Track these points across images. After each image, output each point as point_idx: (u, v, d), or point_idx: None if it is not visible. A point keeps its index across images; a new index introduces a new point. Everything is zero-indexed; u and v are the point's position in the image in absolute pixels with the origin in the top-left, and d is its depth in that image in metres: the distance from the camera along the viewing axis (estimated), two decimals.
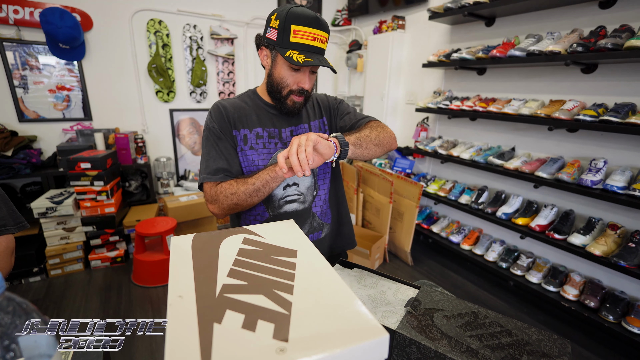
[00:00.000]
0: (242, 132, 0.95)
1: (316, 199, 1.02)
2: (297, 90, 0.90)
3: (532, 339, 0.63)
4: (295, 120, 1.00)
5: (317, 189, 1.02)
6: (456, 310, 0.70)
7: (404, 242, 2.61)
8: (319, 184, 1.03)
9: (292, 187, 0.98)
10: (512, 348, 0.60)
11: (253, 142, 0.95)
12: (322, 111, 1.05)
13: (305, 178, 0.98)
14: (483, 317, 0.69)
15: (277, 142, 0.97)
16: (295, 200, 0.99)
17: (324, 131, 1.04)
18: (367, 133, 0.93)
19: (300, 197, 0.99)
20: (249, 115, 0.96)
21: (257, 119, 0.97)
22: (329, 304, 0.44)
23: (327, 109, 1.06)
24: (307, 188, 1.00)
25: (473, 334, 0.63)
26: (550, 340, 0.62)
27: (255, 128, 0.96)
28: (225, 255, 0.55)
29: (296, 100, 0.92)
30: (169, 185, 3.06)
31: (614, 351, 1.74)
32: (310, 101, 1.05)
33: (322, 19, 0.85)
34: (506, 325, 0.66)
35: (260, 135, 0.96)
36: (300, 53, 0.82)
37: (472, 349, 0.59)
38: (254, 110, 0.98)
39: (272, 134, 0.97)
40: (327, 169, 1.04)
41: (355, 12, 3.43)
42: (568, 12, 1.88)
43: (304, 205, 1.00)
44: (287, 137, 0.99)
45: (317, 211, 1.03)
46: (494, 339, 0.63)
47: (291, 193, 0.98)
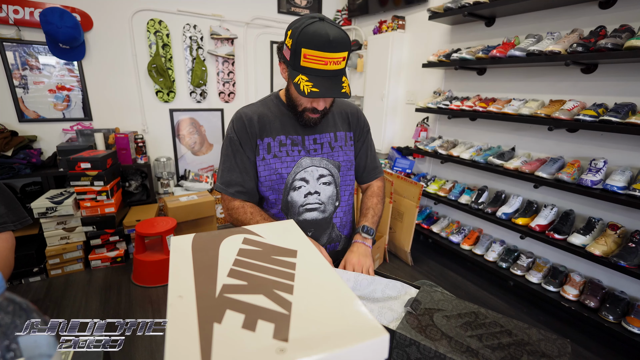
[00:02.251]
0: (266, 141, 0.95)
1: (337, 210, 1.02)
2: (310, 109, 0.90)
3: (532, 339, 0.63)
4: (319, 128, 0.98)
5: (339, 200, 1.01)
6: (456, 310, 0.70)
7: (404, 242, 2.61)
8: (341, 194, 1.01)
9: (314, 195, 0.96)
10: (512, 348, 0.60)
11: (276, 150, 0.95)
12: (351, 125, 1.04)
13: (326, 187, 0.98)
14: (483, 317, 0.68)
15: (300, 149, 0.96)
16: (315, 209, 0.98)
17: (350, 145, 1.02)
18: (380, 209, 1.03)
19: (321, 206, 0.98)
20: (272, 123, 0.95)
21: (280, 126, 0.96)
22: (329, 304, 0.44)
23: (356, 126, 1.04)
24: (328, 197, 0.99)
25: (473, 334, 0.63)
26: (550, 340, 0.62)
27: (279, 136, 0.95)
28: (226, 255, 0.55)
29: (311, 116, 0.91)
30: (169, 185, 3.06)
31: (614, 351, 1.74)
32: (340, 110, 1.03)
33: (338, 38, 0.77)
34: (506, 325, 0.66)
35: (284, 143, 0.95)
36: (310, 80, 0.79)
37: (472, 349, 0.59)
38: (277, 117, 0.96)
39: (295, 142, 0.96)
40: (349, 181, 1.03)
41: (355, 12, 3.43)
42: (568, 12, 1.88)
43: (324, 215, 0.99)
44: (309, 144, 0.97)
45: (337, 222, 1.03)
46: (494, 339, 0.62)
47: (312, 201, 0.97)
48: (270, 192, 0.97)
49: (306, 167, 0.96)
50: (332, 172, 0.98)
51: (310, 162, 0.96)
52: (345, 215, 1.04)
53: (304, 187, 0.96)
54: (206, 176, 3.27)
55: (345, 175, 1.01)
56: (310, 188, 0.96)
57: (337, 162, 0.99)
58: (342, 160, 1.00)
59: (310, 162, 0.96)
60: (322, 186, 0.97)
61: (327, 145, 0.98)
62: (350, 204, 1.06)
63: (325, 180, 0.98)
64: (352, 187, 1.05)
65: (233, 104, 3.41)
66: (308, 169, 0.96)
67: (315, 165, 0.96)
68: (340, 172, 0.99)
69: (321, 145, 0.97)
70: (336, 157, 0.99)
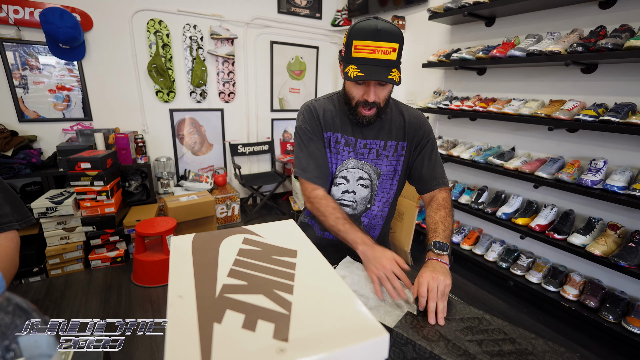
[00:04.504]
0: (328, 135, 1.02)
1: (368, 212, 1.07)
2: (362, 102, 0.91)
3: (536, 350, 0.60)
4: (373, 134, 1.01)
5: (372, 203, 1.07)
6: (459, 314, 0.69)
7: (404, 242, 2.60)
8: (375, 199, 1.06)
9: (351, 194, 1.04)
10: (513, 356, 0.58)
11: (332, 145, 1.02)
12: (406, 135, 1.02)
13: (362, 189, 1.04)
14: (487, 324, 0.66)
15: (350, 150, 1.02)
16: (348, 206, 1.06)
17: (400, 155, 1.03)
18: (450, 222, 0.93)
19: (353, 204, 1.06)
20: (334, 119, 1.01)
21: (340, 124, 1.01)
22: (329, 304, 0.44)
23: (413, 136, 1.02)
24: (362, 198, 1.06)
25: (473, 339, 0.62)
26: (557, 353, 0.59)
27: (337, 133, 1.01)
28: (225, 255, 0.55)
29: (364, 113, 0.92)
30: (169, 185, 3.06)
31: (614, 351, 1.74)
32: (401, 119, 1.03)
33: (386, 28, 0.81)
34: (510, 333, 0.64)
35: (339, 141, 1.02)
36: (357, 67, 0.83)
37: (469, 353, 0.58)
38: (339, 114, 1.02)
39: (348, 142, 1.01)
40: (387, 189, 1.06)
41: (355, 12, 3.43)
42: (568, 12, 1.88)
43: (354, 212, 1.07)
44: (360, 147, 1.02)
45: (365, 222, 1.08)
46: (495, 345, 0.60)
47: (347, 198, 1.05)
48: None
49: (350, 168, 1.03)
50: (372, 177, 1.04)
51: (355, 164, 1.03)
52: (375, 219, 1.09)
53: (343, 185, 1.04)
54: (206, 176, 3.27)
55: (384, 183, 1.05)
56: (348, 187, 1.04)
57: (379, 170, 1.04)
58: (384, 169, 1.04)
59: (355, 164, 1.03)
60: (360, 187, 1.04)
61: (374, 151, 1.02)
62: (385, 210, 1.10)
63: (363, 183, 1.04)
64: (391, 195, 1.08)
65: (233, 104, 3.41)
66: (352, 170, 1.03)
67: (358, 168, 1.03)
68: (379, 179, 1.04)
69: (369, 150, 1.02)
70: (379, 165, 1.03)
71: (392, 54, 0.83)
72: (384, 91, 0.90)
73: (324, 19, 3.69)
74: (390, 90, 0.92)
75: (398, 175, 1.06)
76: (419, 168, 1.04)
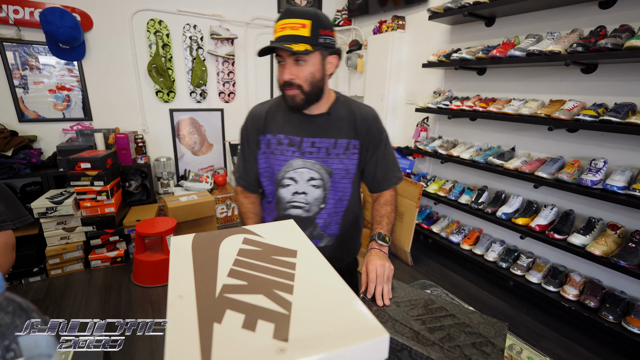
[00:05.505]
0: (267, 137, 1.00)
1: (322, 212, 1.03)
2: (282, 83, 0.90)
3: (472, 322, 0.68)
4: (321, 132, 0.98)
5: (325, 202, 1.03)
6: (407, 297, 0.76)
7: (404, 242, 2.61)
8: (328, 197, 1.02)
9: (301, 195, 1.01)
10: (452, 329, 0.65)
11: (274, 147, 1.00)
12: (358, 133, 1.00)
13: (314, 190, 1.01)
14: (432, 303, 0.74)
15: (295, 150, 0.98)
16: (300, 207, 1.02)
17: (352, 153, 1.00)
18: (393, 217, 1.00)
19: (306, 206, 1.02)
20: (277, 120, 1.00)
21: (283, 124, 0.99)
22: (329, 304, 0.44)
23: (365, 135, 1.00)
24: (314, 199, 1.01)
25: (418, 318, 0.68)
26: (490, 324, 0.68)
27: (280, 134, 0.99)
28: (226, 255, 0.55)
29: (287, 93, 0.90)
30: (169, 185, 3.06)
31: (614, 351, 1.74)
32: (351, 116, 1.01)
33: (296, 8, 0.84)
34: (451, 310, 0.71)
35: (281, 142, 0.99)
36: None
37: (414, 331, 0.64)
38: (285, 115, 0.99)
39: (292, 142, 0.98)
40: (341, 188, 1.03)
41: (355, 12, 3.43)
42: (568, 12, 1.88)
43: (307, 214, 1.02)
44: (307, 146, 0.98)
45: (320, 222, 1.04)
46: (437, 322, 0.67)
47: (298, 200, 1.01)
48: (267, 184, 1.05)
49: (297, 168, 0.99)
50: (323, 177, 1.00)
51: (302, 163, 0.99)
52: (330, 217, 1.05)
53: (292, 186, 1.00)
54: (206, 176, 3.27)
55: (337, 183, 1.01)
56: (298, 188, 1.00)
57: (330, 169, 0.99)
58: (336, 168, 1.00)
59: (302, 163, 0.99)
60: (311, 188, 1.00)
61: (324, 150, 0.98)
62: (341, 209, 1.05)
63: (314, 183, 1.00)
64: (346, 194, 1.04)
65: (233, 104, 3.41)
66: (299, 170, 0.99)
67: (307, 168, 0.99)
68: (331, 178, 1.00)
69: (318, 149, 0.98)
70: (329, 164, 0.99)
71: (302, 30, 0.82)
72: (301, 70, 0.87)
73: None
74: (312, 71, 0.88)
75: (351, 173, 1.02)
76: (373, 169, 1.03)
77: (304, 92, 0.90)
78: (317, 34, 0.84)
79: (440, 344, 0.61)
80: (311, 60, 0.86)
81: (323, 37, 0.85)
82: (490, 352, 0.59)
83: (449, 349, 0.59)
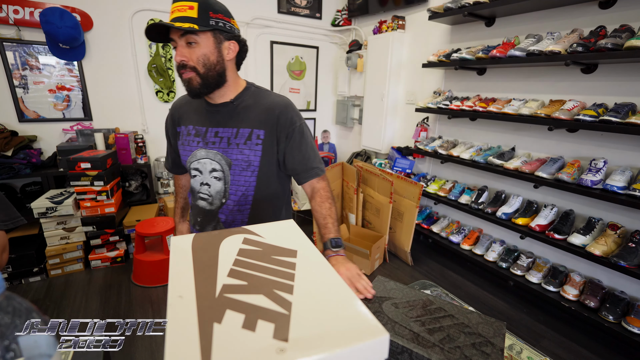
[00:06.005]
0: (181, 128, 1.03)
1: (224, 207, 1.00)
2: (177, 66, 0.89)
3: (471, 322, 0.68)
4: (224, 122, 0.97)
5: (226, 197, 0.99)
6: (405, 298, 0.75)
7: (404, 242, 2.61)
8: (230, 193, 0.99)
9: (205, 186, 1.01)
10: (451, 330, 0.65)
11: (184, 138, 1.02)
12: (265, 123, 0.96)
13: (216, 182, 0.99)
14: (430, 304, 0.74)
15: (199, 140, 0.98)
16: (204, 199, 1.02)
17: (255, 144, 0.95)
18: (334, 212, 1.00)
19: (209, 198, 1.01)
20: (189, 112, 1.02)
21: (193, 116, 1.01)
22: (329, 304, 0.44)
23: (274, 127, 0.96)
24: (216, 192, 1.00)
25: (417, 319, 0.68)
26: (488, 323, 0.68)
27: (188, 125, 1.01)
28: (226, 255, 0.55)
29: (184, 76, 0.89)
30: (169, 185, 3.06)
31: (614, 351, 1.74)
32: (259, 105, 0.98)
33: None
34: (450, 310, 0.72)
35: (189, 133, 1.00)
36: None
37: (414, 332, 0.64)
38: (194, 106, 1.02)
39: (198, 132, 0.99)
40: (242, 182, 0.98)
41: (355, 12, 3.43)
42: (568, 12, 1.88)
43: (211, 207, 1.02)
44: (210, 136, 0.97)
45: (222, 218, 1.01)
46: (436, 322, 0.67)
47: (203, 191, 1.01)
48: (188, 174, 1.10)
49: (200, 159, 0.99)
50: (223, 168, 0.97)
51: (205, 154, 0.98)
52: (232, 214, 1.00)
53: (199, 177, 1.01)
54: None
55: (238, 175, 0.97)
56: (203, 179, 1.00)
57: (229, 159, 0.96)
58: (235, 158, 0.96)
59: (205, 154, 0.98)
60: (213, 180, 0.99)
61: (225, 140, 0.96)
62: (246, 207, 1.00)
63: (216, 175, 0.99)
64: (249, 189, 0.98)
65: None
66: (202, 161, 0.99)
67: (209, 158, 0.97)
68: (231, 170, 0.97)
69: (220, 139, 0.96)
70: (229, 155, 0.96)
71: (189, 11, 0.82)
72: (193, 52, 0.86)
73: (324, 19, 3.69)
74: (205, 53, 0.87)
75: (254, 166, 0.96)
76: (291, 160, 0.99)
77: (200, 74, 0.88)
78: (207, 16, 0.84)
79: (441, 345, 0.61)
80: (203, 42, 0.86)
81: (214, 20, 0.85)
82: (490, 352, 0.60)
83: (449, 350, 0.60)
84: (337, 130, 4.16)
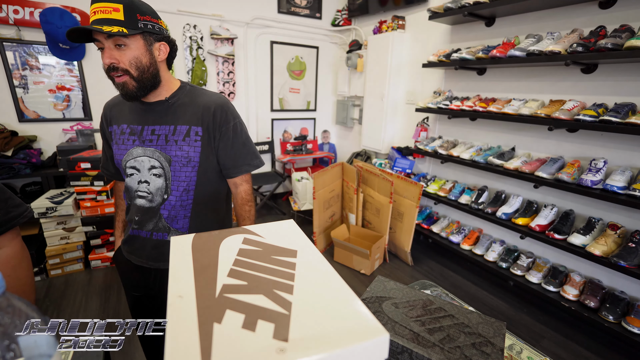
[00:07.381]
0: (114, 128, 1.02)
1: (166, 203, 1.01)
2: (106, 68, 0.87)
3: (471, 322, 0.68)
4: (161, 119, 0.97)
5: (168, 193, 1.00)
6: (405, 298, 0.75)
7: (404, 242, 2.61)
8: (172, 189, 1.00)
9: (144, 184, 0.99)
10: (452, 330, 0.65)
11: (118, 137, 1.00)
12: (202, 120, 0.98)
13: (156, 179, 0.98)
14: (430, 304, 0.73)
15: (135, 139, 0.98)
16: (143, 197, 1.00)
17: (194, 140, 0.97)
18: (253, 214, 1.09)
19: (149, 195, 1.00)
20: (123, 111, 1.01)
21: (128, 115, 1.00)
22: (329, 304, 0.44)
23: (210, 123, 0.98)
24: (157, 189, 0.99)
25: (417, 319, 0.68)
26: (489, 323, 0.68)
27: (122, 124, 1.00)
28: (225, 255, 0.55)
29: (117, 80, 0.88)
30: None
31: (614, 351, 1.74)
32: (196, 103, 0.98)
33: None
34: (450, 310, 0.71)
35: (124, 132, 0.99)
36: None
37: (414, 332, 0.64)
38: (127, 105, 1.00)
39: (133, 131, 0.98)
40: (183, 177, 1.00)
41: (355, 12, 3.43)
42: (568, 12, 1.88)
43: (151, 204, 1.01)
44: (147, 134, 0.97)
45: (165, 214, 1.02)
46: (436, 322, 0.67)
47: (142, 189, 1.00)
48: (122, 173, 1.05)
49: (137, 157, 0.98)
50: (163, 165, 0.98)
51: (142, 152, 0.98)
52: (175, 210, 1.01)
53: (136, 175, 0.99)
54: None
55: (178, 171, 0.98)
56: (141, 177, 0.99)
57: (169, 156, 0.97)
58: (175, 155, 0.97)
59: (142, 152, 0.98)
60: (153, 177, 0.99)
61: (163, 137, 0.97)
62: (188, 202, 1.02)
63: (155, 172, 0.98)
64: (191, 184, 1.01)
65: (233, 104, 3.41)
66: (139, 159, 0.98)
67: (147, 156, 0.98)
68: (171, 166, 0.98)
69: (158, 136, 0.97)
70: (168, 151, 0.97)
71: (114, 13, 0.80)
72: (123, 54, 0.85)
73: (324, 19, 3.69)
74: (136, 55, 0.86)
75: (195, 162, 0.98)
76: (223, 156, 1.02)
77: (134, 78, 0.88)
78: (135, 18, 0.82)
79: (441, 345, 0.61)
80: (133, 44, 0.84)
81: (142, 22, 0.84)
82: (490, 352, 0.60)
83: (449, 350, 0.60)
84: (337, 130, 4.16)
